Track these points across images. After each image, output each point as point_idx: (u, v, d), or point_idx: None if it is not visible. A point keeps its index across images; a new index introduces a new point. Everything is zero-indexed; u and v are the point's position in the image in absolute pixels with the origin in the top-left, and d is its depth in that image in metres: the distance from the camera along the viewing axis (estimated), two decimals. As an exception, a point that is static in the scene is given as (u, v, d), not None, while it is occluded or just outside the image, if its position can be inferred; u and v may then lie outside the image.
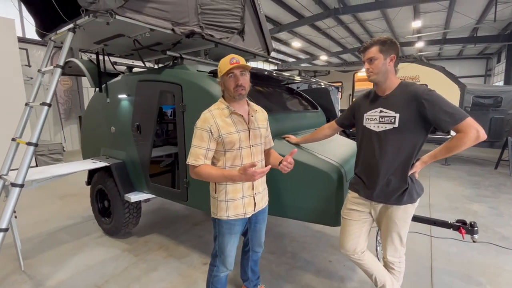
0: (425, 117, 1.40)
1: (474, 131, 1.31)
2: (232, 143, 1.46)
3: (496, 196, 4.37)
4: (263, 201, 1.67)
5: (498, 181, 5.20)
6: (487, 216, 3.58)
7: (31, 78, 8.17)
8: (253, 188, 1.58)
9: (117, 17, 1.86)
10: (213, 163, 1.52)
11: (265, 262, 2.53)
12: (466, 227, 1.97)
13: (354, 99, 7.90)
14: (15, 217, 2.35)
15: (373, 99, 1.61)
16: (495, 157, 6.46)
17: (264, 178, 1.69)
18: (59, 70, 1.92)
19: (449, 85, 6.47)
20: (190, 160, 1.44)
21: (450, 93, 6.41)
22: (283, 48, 17.17)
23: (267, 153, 1.71)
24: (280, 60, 19.97)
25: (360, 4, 10.31)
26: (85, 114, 3.44)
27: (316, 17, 11.22)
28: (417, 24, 12.25)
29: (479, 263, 2.50)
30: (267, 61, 19.64)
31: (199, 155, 1.43)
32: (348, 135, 5.78)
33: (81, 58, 3.25)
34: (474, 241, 1.96)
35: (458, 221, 2.04)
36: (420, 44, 15.09)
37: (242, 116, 1.52)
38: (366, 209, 1.65)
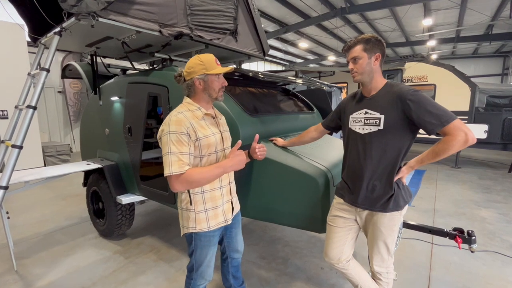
0: (410, 119, 1.31)
1: (462, 134, 1.21)
2: (209, 146, 1.39)
3: (508, 201, 4.14)
4: (237, 205, 1.62)
5: (511, 185, 4.93)
6: (495, 223, 3.38)
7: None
8: (230, 193, 1.52)
9: (100, 19, 1.85)
10: None
11: (254, 267, 2.47)
12: (462, 236, 1.84)
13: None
14: (8, 217, 2.39)
15: (358, 100, 1.53)
16: (509, 160, 6.15)
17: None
18: (44, 73, 1.93)
19: (459, 84, 6.21)
20: (173, 169, 1.21)
21: (460, 93, 6.15)
22: (290, 49, 17.05)
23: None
24: (287, 61, 19.85)
25: (368, 2, 10.07)
26: (83, 116, 3.49)
27: (322, 17, 11.05)
28: (428, 22, 11.87)
29: (482, 274, 2.35)
30: (273, 62, 19.57)
31: (183, 162, 1.24)
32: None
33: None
34: (472, 251, 1.83)
35: (455, 229, 1.91)
36: (432, 43, 14.63)
37: (214, 118, 1.47)
38: (352, 216, 1.56)
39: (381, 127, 1.38)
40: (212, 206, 1.44)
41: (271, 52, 16.77)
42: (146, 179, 2.74)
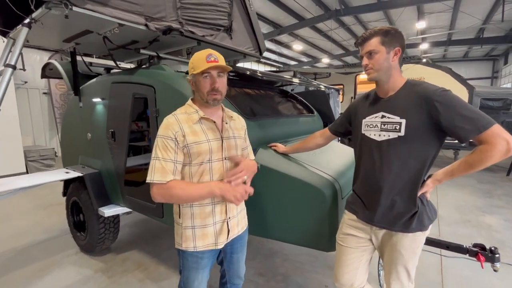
0: (438, 124, 1.12)
1: (503, 142, 1.02)
2: (200, 154, 1.18)
3: (510, 206, 4.02)
4: (239, 226, 1.37)
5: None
6: (503, 230, 3.24)
7: (26, 82, 8.05)
8: (226, 212, 1.29)
9: (75, 8, 1.61)
10: None
11: (252, 286, 2.23)
12: (485, 254, 1.65)
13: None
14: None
15: (373, 101, 1.32)
16: (506, 163, 6.07)
17: None
18: (10, 70, 1.68)
19: (456, 86, 6.14)
20: (155, 177, 1.11)
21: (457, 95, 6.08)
22: (284, 51, 16.95)
23: None
24: (281, 63, 19.75)
25: (362, 5, 10.04)
26: (63, 119, 3.21)
27: (317, 18, 10.98)
28: (421, 25, 11.92)
29: (499, 290, 2.17)
30: (266, 64, 19.44)
31: (166, 170, 1.13)
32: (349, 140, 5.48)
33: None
34: (495, 270, 1.65)
35: (475, 245, 1.72)
36: (424, 46, 14.75)
37: (214, 122, 1.25)
38: (366, 235, 1.36)
39: (402, 133, 1.18)
40: (201, 224, 1.23)
41: (265, 53, 16.63)
42: (131, 189, 2.48)
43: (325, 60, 18.33)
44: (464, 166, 1.11)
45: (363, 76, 7.66)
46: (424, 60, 6.76)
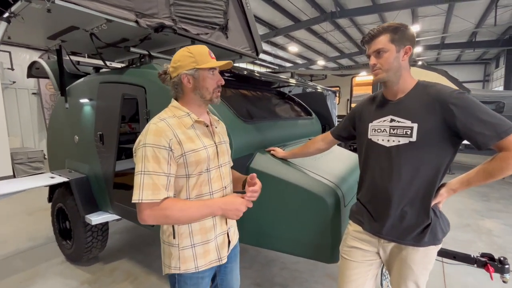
0: (453, 128, 1.03)
1: (525, 149, 0.93)
2: (198, 163, 1.04)
3: (509, 210, 4.00)
4: (235, 235, 1.27)
5: (509, 192, 4.83)
6: (503, 235, 3.19)
7: (14, 82, 7.81)
8: (227, 222, 1.17)
9: (58, 1, 1.48)
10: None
11: (249, 298, 2.12)
12: (494, 264, 1.58)
13: (354, 105, 7.60)
14: None
15: (381, 104, 1.23)
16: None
17: None
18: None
19: (452, 89, 6.13)
20: (145, 195, 0.93)
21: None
22: (280, 52, 16.92)
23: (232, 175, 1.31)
24: (277, 65, 19.73)
25: (357, 7, 10.07)
26: (50, 121, 3.05)
27: (313, 20, 10.96)
28: (415, 28, 12.02)
29: (504, 299, 2.10)
30: (262, 65, 19.39)
31: (158, 186, 0.95)
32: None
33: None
34: (504, 281, 1.57)
35: (483, 255, 1.64)
36: (418, 49, 14.89)
37: (207, 126, 1.13)
38: (373, 248, 1.25)
39: (414, 138, 1.09)
40: (202, 241, 1.09)
41: (260, 55, 16.58)
42: (120, 194, 2.34)
43: (321, 62, 18.37)
44: (483, 175, 1.02)
45: (359, 78, 7.63)
46: (420, 62, 6.75)
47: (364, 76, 7.44)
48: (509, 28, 12.41)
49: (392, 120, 1.16)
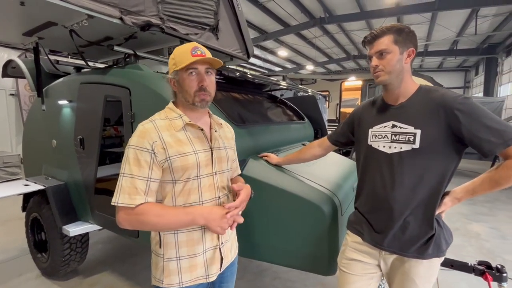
0: (458, 135, 0.98)
1: (533, 157, 0.89)
2: (185, 169, 0.96)
3: (494, 213, 4.08)
4: (232, 251, 1.16)
5: (493, 195, 4.95)
6: (491, 239, 3.23)
7: (-10, 82, 7.38)
8: (219, 237, 1.07)
9: (32, -7, 1.35)
10: None
11: (240, 312, 2.01)
12: (492, 273, 1.54)
13: (343, 109, 7.66)
14: None
15: (381, 109, 1.17)
16: (482, 169, 6.26)
17: None
18: None
19: (437, 95, 6.30)
20: (121, 199, 0.90)
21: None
22: (269, 57, 16.99)
23: (232, 183, 1.21)
24: (266, 69, 19.79)
25: (346, 14, 10.27)
26: (26, 123, 2.85)
27: (302, 25, 11.08)
28: (400, 35, 12.37)
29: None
30: (251, 69, 19.40)
31: (136, 190, 0.91)
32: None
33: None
34: (502, 291, 1.54)
35: (480, 263, 1.61)
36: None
37: (202, 130, 1.04)
38: (374, 260, 1.19)
39: (417, 145, 1.03)
40: (188, 254, 1.00)
41: (250, 59, 16.60)
42: (101, 203, 2.18)
43: (309, 67, 18.58)
44: (489, 184, 0.98)
45: (348, 83, 7.72)
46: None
47: (353, 81, 7.54)
48: (488, 37, 12.99)
49: (393, 126, 1.10)
